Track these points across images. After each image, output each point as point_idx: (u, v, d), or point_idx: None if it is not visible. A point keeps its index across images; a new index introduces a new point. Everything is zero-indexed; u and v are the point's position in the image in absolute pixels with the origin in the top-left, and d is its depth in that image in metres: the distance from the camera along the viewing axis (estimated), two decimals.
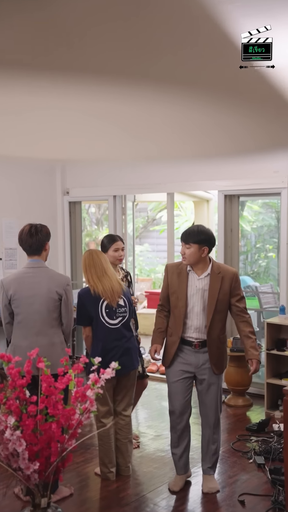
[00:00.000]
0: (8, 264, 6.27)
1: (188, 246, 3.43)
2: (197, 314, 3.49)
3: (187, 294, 3.49)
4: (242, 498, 3.54)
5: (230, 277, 3.49)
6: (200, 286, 3.48)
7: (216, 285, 3.45)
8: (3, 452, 2.41)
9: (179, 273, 3.55)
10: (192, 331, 3.51)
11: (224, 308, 3.51)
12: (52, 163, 6.48)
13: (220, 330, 3.52)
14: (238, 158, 5.57)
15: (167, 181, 6.08)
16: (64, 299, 3.46)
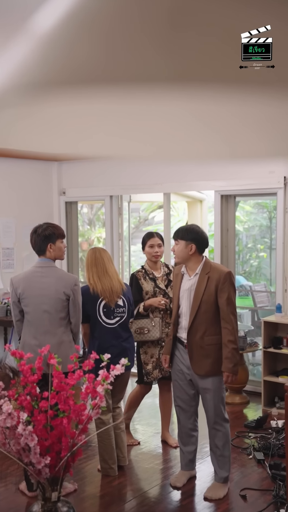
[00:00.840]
0: (5, 264, 6.28)
1: (176, 243, 3.50)
2: (185, 314, 3.52)
3: (179, 294, 3.55)
4: (243, 493, 3.60)
5: (217, 278, 3.41)
6: (188, 286, 3.50)
7: (201, 285, 3.43)
8: (14, 446, 2.45)
9: (177, 274, 3.62)
10: (183, 331, 3.54)
11: (211, 309, 3.42)
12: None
13: (205, 332, 3.44)
14: (234, 160, 5.64)
15: (163, 181, 6.14)
16: (72, 299, 3.50)
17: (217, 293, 3.40)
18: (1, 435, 2.45)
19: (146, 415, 5.11)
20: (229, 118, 3.93)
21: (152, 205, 11.53)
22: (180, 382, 3.63)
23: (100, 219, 10.59)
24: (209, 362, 3.46)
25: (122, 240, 6.73)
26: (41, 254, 3.54)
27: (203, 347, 3.45)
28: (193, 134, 4.49)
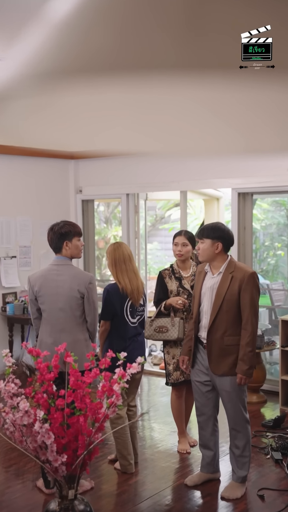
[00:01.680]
0: (22, 262, 6.31)
1: (202, 241, 3.42)
2: (206, 312, 3.46)
3: (201, 292, 3.49)
4: (261, 493, 3.57)
5: (241, 278, 3.34)
6: (211, 284, 3.44)
7: (224, 284, 3.36)
8: (31, 444, 2.45)
9: (200, 272, 3.56)
10: (203, 330, 3.49)
11: (232, 309, 3.36)
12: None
13: (226, 332, 3.37)
14: (251, 156, 5.59)
15: (180, 179, 6.11)
16: (86, 297, 3.49)
17: (240, 293, 3.33)
18: (18, 433, 2.46)
19: (163, 414, 5.10)
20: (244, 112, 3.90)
21: (169, 203, 11.50)
22: (198, 383, 3.58)
23: (117, 217, 10.60)
24: (227, 362, 3.40)
25: (138, 238, 6.72)
26: (57, 252, 3.55)
27: (222, 347, 3.39)
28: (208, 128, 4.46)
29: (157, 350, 6.88)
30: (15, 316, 6.03)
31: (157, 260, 12.26)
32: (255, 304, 3.36)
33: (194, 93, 3.42)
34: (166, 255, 12.07)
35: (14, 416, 2.42)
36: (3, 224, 6.19)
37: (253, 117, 4.11)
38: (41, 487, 3.61)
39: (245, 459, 3.53)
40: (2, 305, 6.16)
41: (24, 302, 6.04)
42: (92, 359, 2.59)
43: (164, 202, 11.76)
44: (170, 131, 4.51)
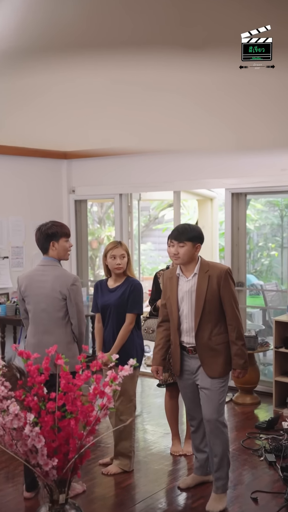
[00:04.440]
0: (15, 263, 6.27)
1: (182, 245, 3.30)
2: (187, 317, 3.36)
3: (178, 297, 3.37)
4: (255, 496, 3.54)
5: (218, 275, 3.29)
6: (187, 288, 3.34)
7: (203, 285, 3.29)
8: (22, 448, 2.41)
9: (171, 277, 3.43)
10: (185, 335, 3.39)
11: (215, 308, 3.31)
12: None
13: (212, 332, 3.32)
14: (245, 156, 5.58)
15: (173, 179, 6.08)
16: (68, 299, 3.42)
17: (219, 290, 3.29)
18: (8, 436, 2.41)
19: (156, 415, 5.06)
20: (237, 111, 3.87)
21: (162, 203, 11.48)
22: (185, 390, 3.52)
23: (110, 217, 10.56)
24: (219, 362, 3.35)
25: (131, 239, 6.69)
26: (44, 252, 3.53)
27: (213, 348, 3.34)
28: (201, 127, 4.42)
29: (150, 351, 6.85)
30: (7, 317, 5.98)
31: (150, 260, 12.24)
32: (236, 299, 3.36)
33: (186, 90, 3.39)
34: (160, 255, 12.05)
35: (4, 420, 2.37)
36: None
37: (247, 116, 4.08)
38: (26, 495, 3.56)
39: (223, 471, 3.41)
40: None
41: (16, 303, 5.99)
42: (84, 361, 2.55)
43: (158, 203, 11.74)
44: (161, 129, 4.48)
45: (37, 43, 2.65)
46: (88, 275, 7.16)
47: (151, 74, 3.21)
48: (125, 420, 3.64)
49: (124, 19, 2.44)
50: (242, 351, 3.33)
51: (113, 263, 3.78)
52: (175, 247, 3.31)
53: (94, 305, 3.93)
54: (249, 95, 3.43)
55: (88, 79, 3.31)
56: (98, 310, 3.89)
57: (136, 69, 3.07)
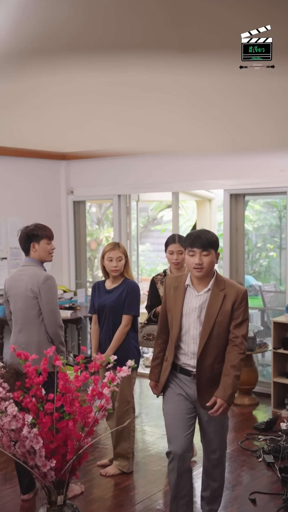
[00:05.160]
0: (13, 264, 6.26)
1: (206, 253, 2.83)
2: (193, 337, 2.90)
3: (182, 312, 2.92)
4: (253, 497, 3.54)
5: (234, 295, 2.87)
6: (198, 304, 2.89)
7: (216, 303, 2.86)
8: (20, 449, 2.41)
9: (177, 287, 2.97)
10: (189, 358, 2.93)
11: (223, 332, 2.88)
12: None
13: (216, 358, 2.89)
14: (243, 157, 5.58)
15: (171, 180, 6.09)
16: (39, 297, 3.42)
17: (232, 313, 2.87)
18: (6, 438, 2.41)
19: (154, 416, 5.06)
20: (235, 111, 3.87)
21: (161, 204, 11.49)
22: (176, 415, 2.98)
23: (109, 218, 10.56)
24: (214, 391, 2.90)
25: (130, 240, 6.69)
26: (26, 253, 3.57)
27: (212, 377, 2.90)
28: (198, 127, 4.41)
29: (148, 352, 6.85)
30: (5, 318, 5.97)
31: (149, 261, 12.24)
32: (248, 324, 2.94)
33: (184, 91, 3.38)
34: (158, 256, 12.05)
35: (2, 421, 2.37)
36: None
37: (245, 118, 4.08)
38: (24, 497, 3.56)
39: (221, 491, 3.16)
40: None
41: None
42: (82, 362, 2.55)
43: (156, 203, 11.75)
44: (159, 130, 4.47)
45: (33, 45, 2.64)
46: (87, 276, 7.15)
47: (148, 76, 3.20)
48: (123, 422, 3.64)
49: (120, 21, 2.43)
50: (233, 382, 2.85)
51: (109, 265, 3.79)
52: (197, 256, 2.83)
53: (91, 306, 3.94)
54: (246, 96, 3.43)
55: (85, 81, 3.30)
56: (95, 311, 3.89)
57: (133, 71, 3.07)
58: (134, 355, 3.77)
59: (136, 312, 3.80)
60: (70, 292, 6.67)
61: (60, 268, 6.82)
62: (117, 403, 3.74)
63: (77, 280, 6.96)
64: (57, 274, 6.73)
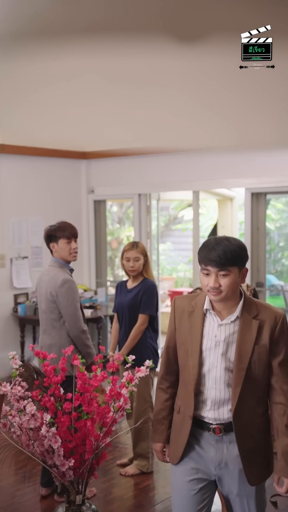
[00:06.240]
0: (34, 263, 6.30)
1: (225, 273, 2.10)
2: (217, 381, 2.17)
3: (202, 348, 2.19)
4: (274, 499, 3.49)
5: (272, 323, 2.16)
6: (223, 337, 2.17)
7: (249, 336, 2.15)
8: (38, 448, 2.42)
9: (191, 312, 2.23)
10: (208, 408, 2.19)
11: (263, 374, 2.18)
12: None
13: (257, 407, 2.18)
14: (265, 155, 5.52)
15: (192, 178, 6.05)
16: (57, 301, 3.39)
17: (271, 346, 2.17)
18: (25, 436, 2.43)
19: None
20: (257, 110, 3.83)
21: (182, 203, 11.45)
22: (186, 493, 2.24)
23: (130, 217, 10.56)
24: (261, 460, 2.22)
25: (150, 239, 6.67)
26: (51, 253, 3.56)
27: (253, 436, 2.19)
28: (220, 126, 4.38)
29: None
30: (26, 317, 6.02)
31: (170, 260, 12.21)
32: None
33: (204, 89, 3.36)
34: (179, 255, 12.02)
35: (21, 420, 2.38)
36: (15, 224, 6.18)
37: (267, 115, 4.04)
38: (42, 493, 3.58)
39: None
40: (14, 305, 6.16)
41: (36, 302, 6.03)
42: (100, 361, 2.54)
43: (177, 202, 11.71)
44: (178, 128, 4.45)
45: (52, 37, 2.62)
46: (107, 275, 7.16)
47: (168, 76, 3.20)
48: (142, 421, 3.64)
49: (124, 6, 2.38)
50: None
51: (127, 265, 3.80)
52: (212, 277, 2.11)
53: (114, 305, 3.97)
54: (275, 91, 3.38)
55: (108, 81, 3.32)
56: (116, 310, 3.92)
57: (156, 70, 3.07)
58: (151, 354, 3.75)
59: (151, 312, 3.78)
60: (91, 291, 6.68)
61: (80, 267, 6.84)
62: (135, 402, 3.73)
63: (97, 279, 6.97)
64: (77, 273, 6.75)
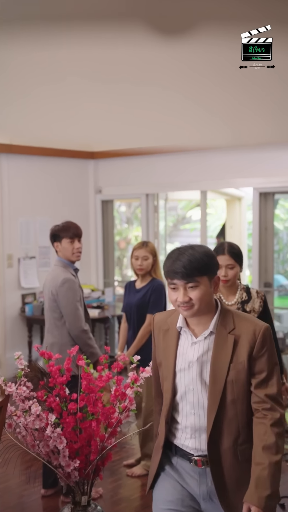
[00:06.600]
0: (42, 263, 6.31)
1: (194, 285, 1.86)
2: (195, 405, 1.94)
3: (175, 368, 1.96)
4: (282, 502, 3.46)
5: (250, 337, 1.89)
6: (195, 356, 1.92)
7: (224, 354, 1.90)
8: (44, 449, 2.41)
9: (166, 331, 2.02)
10: (189, 436, 1.95)
11: (243, 395, 1.91)
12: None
13: (238, 438, 1.91)
14: (273, 155, 5.49)
15: (200, 178, 6.03)
16: (57, 300, 3.40)
17: (250, 363, 1.90)
18: (30, 437, 2.42)
19: None
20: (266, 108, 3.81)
21: (190, 203, 11.43)
22: (172, 497, 1.98)
23: (138, 217, 10.56)
24: (245, 492, 1.89)
25: (158, 239, 6.66)
26: (56, 253, 3.58)
27: (237, 466, 1.92)
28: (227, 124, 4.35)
29: None
30: (34, 316, 6.03)
31: None
32: (276, 374, 1.93)
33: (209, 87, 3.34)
34: None
35: (26, 420, 2.38)
36: (23, 224, 6.19)
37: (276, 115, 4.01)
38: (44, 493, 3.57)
39: None
40: (21, 305, 6.17)
41: (43, 302, 6.03)
42: (106, 362, 2.53)
43: (186, 202, 11.69)
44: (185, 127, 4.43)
45: None
46: (115, 275, 7.15)
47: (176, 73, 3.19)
48: (150, 421, 3.62)
49: None
50: (274, 475, 1.83)
51: (135, 264, 3.79)
52: (181, 290, 1.87)
53: (123, 305, 3.97)
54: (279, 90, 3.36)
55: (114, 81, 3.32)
56: (125, 310, 3.91)
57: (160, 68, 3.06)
58: None
59: (159, 312, 3.76)
60: (98, 291, 6.68)
61: (88, 267, 6.84)
62: (143, 403, 3.71)
63: (105, 279, 6.97)
64: (85, 273, 6.76)
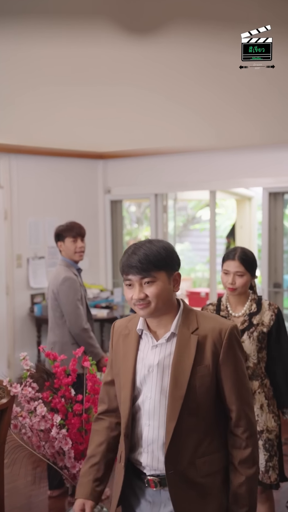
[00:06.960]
0: (50, 263, 6.31)
1: (150, 280, 1.72)
2: (150, 415, 1.76)
3: (135, 375, 1.79)
4: None
5: (215, 338, 1.74)
6: (156, 361, 1.76)
7: (186, 356, 1.73)
8: (49, 450, 2.41)
9: (126, 335, 1.85)
10: (142, 451, 1.77)
11: (206, 403, 1.74)
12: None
13: (197, 450, 1.73)
14: (283, 155, 5.45)
15: (209, 178, 6.00)
16: (58, 298, 3.41)
17: (217, 367, 1.75)
18: (35, 438, 2.41)
19: None
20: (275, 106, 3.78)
21: (200, 203, 11.39)
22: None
23: (148, 217, 10.54)
24: (210, 510, 1.75)
25: (167, 239, 6.64)
26: (60, 252, 3.59)
27: (197, 482, 1.74)
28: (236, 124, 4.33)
29: None
30: (43, 316, 6.03)
31: (188, 261, 12.16)
32: (246, 378, 1.80)
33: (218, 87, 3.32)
34: (197, 255, 11.96)
35: (31, 421, 2.37)
36: (32, 224, 6.19)
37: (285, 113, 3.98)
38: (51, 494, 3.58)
39: None
40: (30, 305, 6.18)
41: None
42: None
43: (195, 202, 11.65)
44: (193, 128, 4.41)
45: None
46: None
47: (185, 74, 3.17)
48: None
49: None
50: (251, 488, 1.74)
51: None
52: (136, 287, 1.73)
53: None
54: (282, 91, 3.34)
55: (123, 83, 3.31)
56: None
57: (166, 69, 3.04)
58: None
59: None
60: (107, 291, 6.67)
61: (97, 267, 6.84)
62: None
63: (114, 279, 6.96)
64: (94, 273, 6.76)
